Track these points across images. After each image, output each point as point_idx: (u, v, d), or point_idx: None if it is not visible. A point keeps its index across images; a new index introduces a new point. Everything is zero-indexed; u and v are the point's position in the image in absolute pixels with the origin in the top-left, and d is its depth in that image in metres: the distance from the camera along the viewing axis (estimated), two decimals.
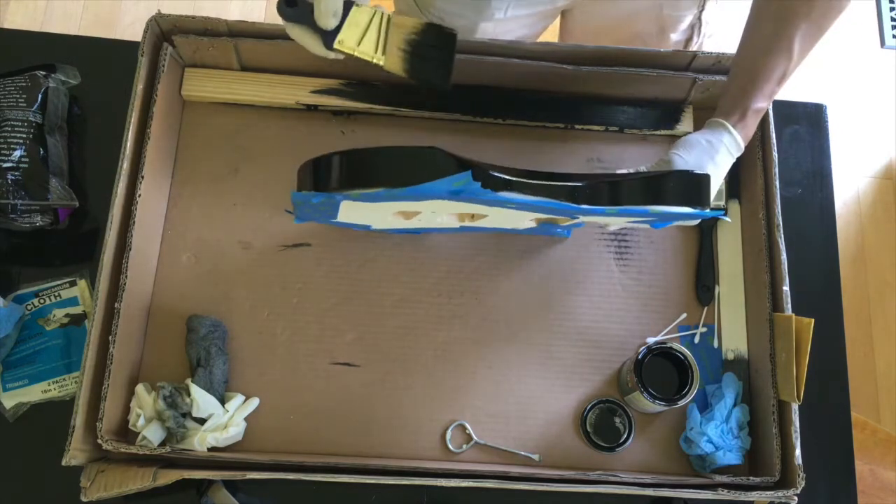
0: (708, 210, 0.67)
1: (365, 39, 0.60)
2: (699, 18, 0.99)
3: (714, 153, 0.73)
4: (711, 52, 0.84)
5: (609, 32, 1.02)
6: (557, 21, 1.08)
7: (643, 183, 0.66)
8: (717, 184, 0.72)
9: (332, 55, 0.63)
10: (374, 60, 0.61)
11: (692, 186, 0.67)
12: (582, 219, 0.74)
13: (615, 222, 0.76)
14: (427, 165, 0.60)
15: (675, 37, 1.01)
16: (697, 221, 0.78)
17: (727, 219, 0.86)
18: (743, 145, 0.75)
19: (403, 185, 0.59)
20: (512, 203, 0.65)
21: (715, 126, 0.74)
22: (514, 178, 0.63)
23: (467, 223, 0.77)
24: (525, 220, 0.77)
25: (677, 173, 0.68)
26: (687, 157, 0.72)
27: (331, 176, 0.63)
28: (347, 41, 0.60)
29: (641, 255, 0.87)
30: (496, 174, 0.62)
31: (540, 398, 0.82)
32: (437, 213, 0.72)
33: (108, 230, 0.76)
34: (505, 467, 0.78)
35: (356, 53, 0.61)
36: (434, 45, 0.62)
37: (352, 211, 0.69)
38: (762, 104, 0.74)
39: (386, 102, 0.88)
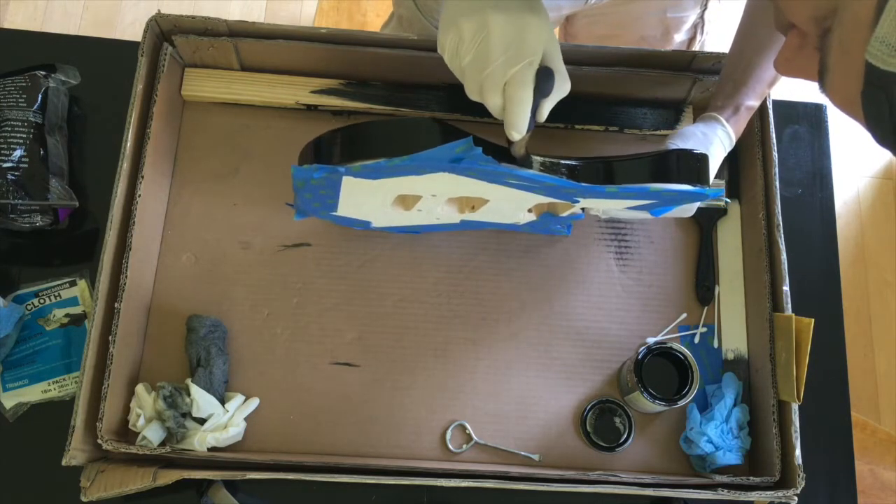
0: (707, 188, 0.67)
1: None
2: (702, 17, 1.00)
3: (709, 144, 0.74)
4: (711, 52, 0.84)
5: (613, 38, 1.02)
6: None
7: (644, 161, 0.67)
8: (711, 173, 0.74)
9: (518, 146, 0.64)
10: None
11: (692, 164, 0.68)
12: (582, 203, 0.74)
13: (615, 206, 0.76)
14: (428, 133, 0.60)
15: (679, 37, 1.02)
16: (696, 208, 0.79)
17: (727, 200, 0.87)
18: (734, 139, 0.76)
19: (405, 154, 0.60)
20: (512, 178, 0.65)
21: (708, 119, 0.77)
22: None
23: (467, 214, 0.77)
24: (524, 211, 0.77)
25: (677, 151, 0.69)
26: (683, 147, 0.73)
27: (333, 149, 0.63)
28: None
29: (641, 255, 0.87)
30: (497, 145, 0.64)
31: (540, 398, 0.82)
32: (437, 197, 0.72)
33: (108, 230, 0.76)
34: (505, 467, 0.78)
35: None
36: None
37: (352, 196, 0.70)
38: (753, 103, 0.76)
39: (386, 102, 0.88)
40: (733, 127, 0.76)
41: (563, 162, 0.66)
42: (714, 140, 0.75)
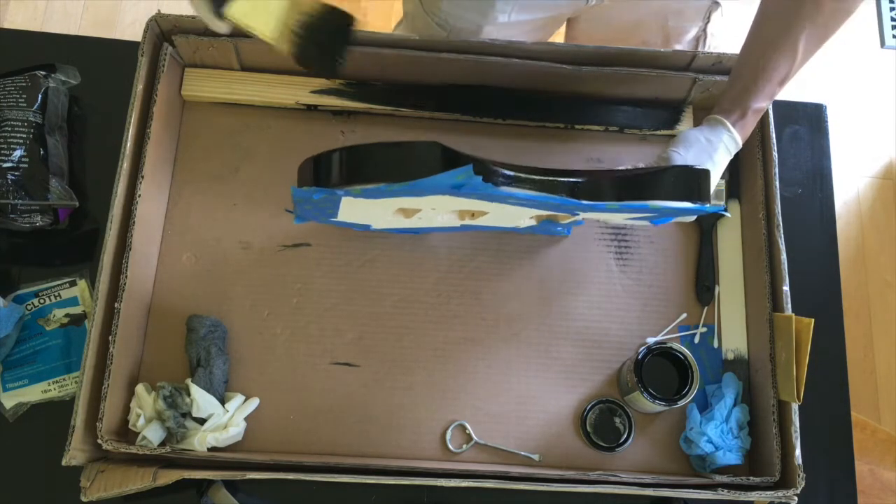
0: (708, 205, 0.67)
1: (258, 12, 0.54)
2: (704, 31, 0.99)
3: (713, 151, 0.73)
4: (711, 52, 0.84)
5: (614, 42, 1.02)
6: (562, 29, 1.08)
7: (643, 178, 0.67)
8: (715, 181, 0.73)
9: (221, 26, 0.56)
10: (262, 36, 0.55)
11: (692, 181, 0.67)
12: (582, 216, 0.74)
13: (615, 218, 0.77)
14: (428, 160, 0.60)
15: (680, 48, 1.01)
16: (695, 217, 0.79)
17: (727, 214, 0.87)
18: (741, 142, 0.75)
19: (404, 180, 0.59)
20: (513, 199, 0.65)
21: (714, 123, 0.75)
22: (515, 174, 0.64)
23: (468, 221, 0.77)
24: (525, 218, 0.77)
25: (677, 168, 0.69)
26: (686, 155, 0.72)
27: (332, 172, 0.63)
28: (238, 10, 0.54)
29: (641, 255, 0.87)
30: (498, 168, 0.63)
31: (540, 398, 0.82)
32: (437, 210, 0.72)
33: (108, 230, 0.76)
34: (505, 467, 0.78)
35: (245, 26, 0.55)
36: (329, 30, 0.58)
37: (352, 209, 0.70)
38: (762, 104, 0.75)
39: (386, 102, 0.88)
40: (740, 131, 0.75)
41: (561, 180, 0.66)
42: (719, 147, 0.74)
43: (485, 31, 0.94)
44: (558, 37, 1.09)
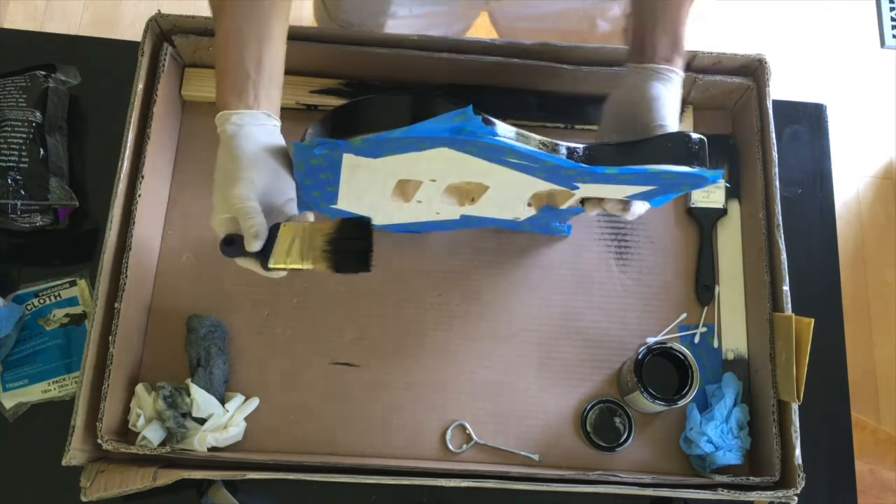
0: (707, 171, 0.67)
1: (293, 253, 0.65)
2: None
3: (675, 110, 0.71)
4: (711, 52, 0.84)
5: (540, 32, 1.00)
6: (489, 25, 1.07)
7: (642, 144, 0.68)
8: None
9: (273, 275, 0.66)
10: (304, 268, 0.65)
11: (690, 145, 0.68)
12: (582, 189, 0.73)
13: (615, 194, 0.75)
14: (429, 106, 0.61)
15: (605, 25, 0.99)
16: (700, 190, 0.77)
17: (726, 184, 0.86)
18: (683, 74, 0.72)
19: (406, 125, 0.60)
20: (513, 154, 0.65)
21: (668, 76, 0.70)
22: (517, 129, 0.65)
23: (467, 208, 0.77)
24: (524, 202, 0.77)
25: (674, 134, 0.69)
26: (664, 112, 0.70)
27: (333, 126, 0.64)
28: (279, 259, 0.65)
29: (641, 255, 0.87)
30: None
31: (540, 398, 0.82)
32: (437, 182, 0.72)
33: (108, 230, 0.76)
34: (505, 467, 0.78)
35: (289, 267, 0.65)
36: (351, 236, 0.66)
37: (353, 183, 0.70)
38: (686, 25, 0.71)
39: None
40: (682, 66, 0.71)
41: (562, 143, 0.67)
42: (678, 103, 0.71)
43: (387, 25, 0.93)
44: (490, 32, 1.05)
